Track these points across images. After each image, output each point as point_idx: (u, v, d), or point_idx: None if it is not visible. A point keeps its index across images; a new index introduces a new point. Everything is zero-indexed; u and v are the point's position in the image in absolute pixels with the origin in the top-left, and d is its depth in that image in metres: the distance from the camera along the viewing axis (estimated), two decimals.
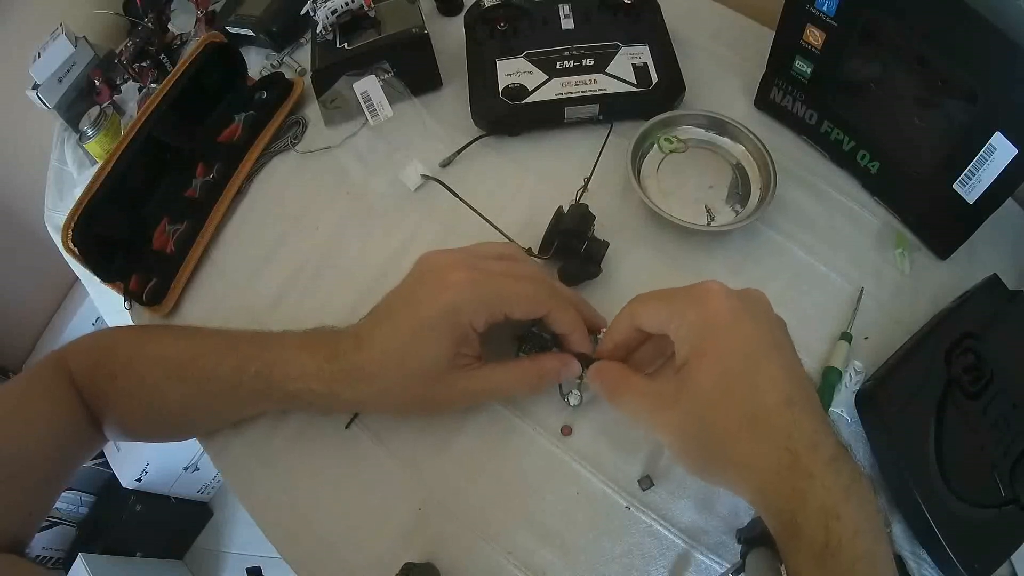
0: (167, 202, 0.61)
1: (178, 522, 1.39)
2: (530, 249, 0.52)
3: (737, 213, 0.54)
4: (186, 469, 1.32)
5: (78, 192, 0.56)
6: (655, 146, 0.58)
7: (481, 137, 0.62)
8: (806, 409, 0.33)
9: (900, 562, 0.41)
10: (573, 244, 0.50)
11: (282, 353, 0.44)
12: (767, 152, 0.55)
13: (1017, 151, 0.43)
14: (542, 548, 0.43)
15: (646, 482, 0.44)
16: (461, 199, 0.54)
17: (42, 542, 1.24)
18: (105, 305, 1.04)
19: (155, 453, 1.24)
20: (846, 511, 0.30)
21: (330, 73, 0.62)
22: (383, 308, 0.43)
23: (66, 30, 0.86)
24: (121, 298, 0.57)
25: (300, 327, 0.46)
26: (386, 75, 0.61)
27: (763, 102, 0.61)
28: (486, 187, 0.58)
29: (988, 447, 0.42)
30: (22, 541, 0.42)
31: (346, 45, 0.64)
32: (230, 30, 0.77)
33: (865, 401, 0.45)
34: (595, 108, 0.59)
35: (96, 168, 0.64)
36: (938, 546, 0.40)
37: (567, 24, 0.64)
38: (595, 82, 0.59)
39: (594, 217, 0.52)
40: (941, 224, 0.52)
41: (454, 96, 0.65)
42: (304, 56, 0.75)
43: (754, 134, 0.56)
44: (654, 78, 0.59)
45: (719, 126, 0.58)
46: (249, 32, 0.76)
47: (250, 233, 0.61)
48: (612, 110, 0.59)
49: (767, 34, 0.58)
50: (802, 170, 0.58)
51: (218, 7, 0.83)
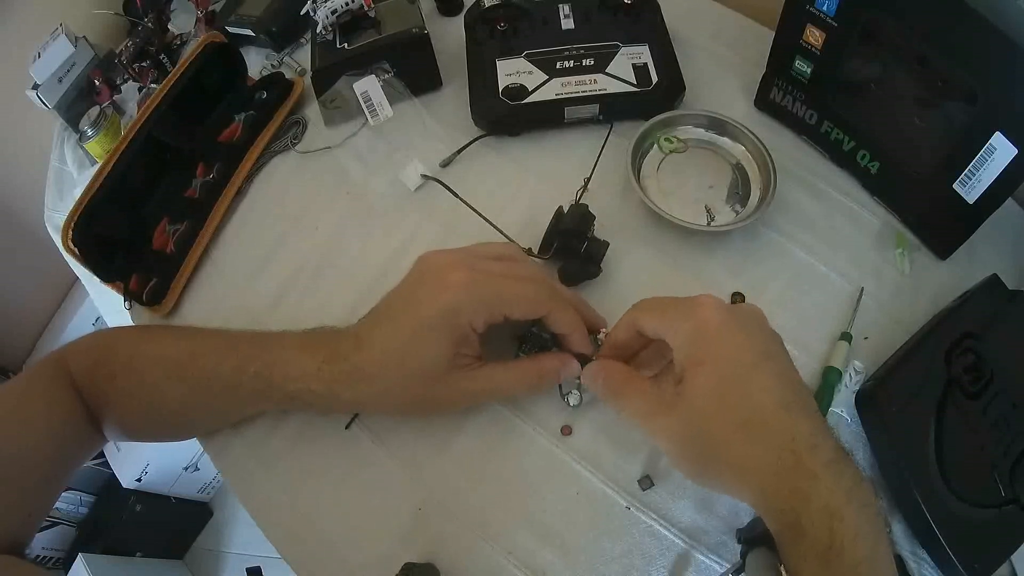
0: (167, 202, 0.61)
1: (178, 522, 1.39)
2: (530, 249, 0.52)
3: (737, 213, 0.54)
4: (186, 469, 1.32)
5: (78, 192, 0.56)
6: (655, 146, 0.58)
7: (481, 137, 0.62)
8: (804, 413, 0.33)
9: (900, 562, 0.41)
10: (573, 244, 0.50)
11: (282, 354, 0.44)
12: (767, 152, 0.55)
13: (1017, 151, 0.43)
14: (542, 548, 0.43)
15: (646, 482, 0.44)
16: (461, 199, 0.54)
17: (42, 542, 1.24)
18: (105, 305, 1.04)
19: (155, 453, 1.24)
20: (848, 513, 0.30)
21: (330, 73, 0.62)
22: (383, 308, 0.43)
23: (66, 30, 0.86)
24: (121, 298, 0.57)
25: (300, 327, 0.46)
26: (386, 75, 0.61)
27: (763, 102, 0.61)
28: (486, 187, 0.58)
29: (988, 447, 0.42)
30: (22, 541, 0.42)
31: (346, 45, 0.64)
32: (230, 30, 0.77)
33: (865, 401, 0.45)
34: (595, 108, 0.59)
35: (96, 168, 0.64)
36: (938, 546, 0.40)
37: (567, 24, 0.64)
38: (595, 82, 0.59)
39: (594, 217, 0.52)
40: (941, 224, 0.52)
41: (454, 96, 0.65)
42: (304, 56, 0.75)
43: (754, 134, 0.56)
44: (654, 78, 0.59)
45: (719, 126, 0.58)
46: (249, 32, 0.76)
47: (250, 233, 0.61)
48: (612, 110, 0.59)
49: (767, 34, 0.58)
50: (802, 170, 0.58)
51: (218, 7, 0.83)
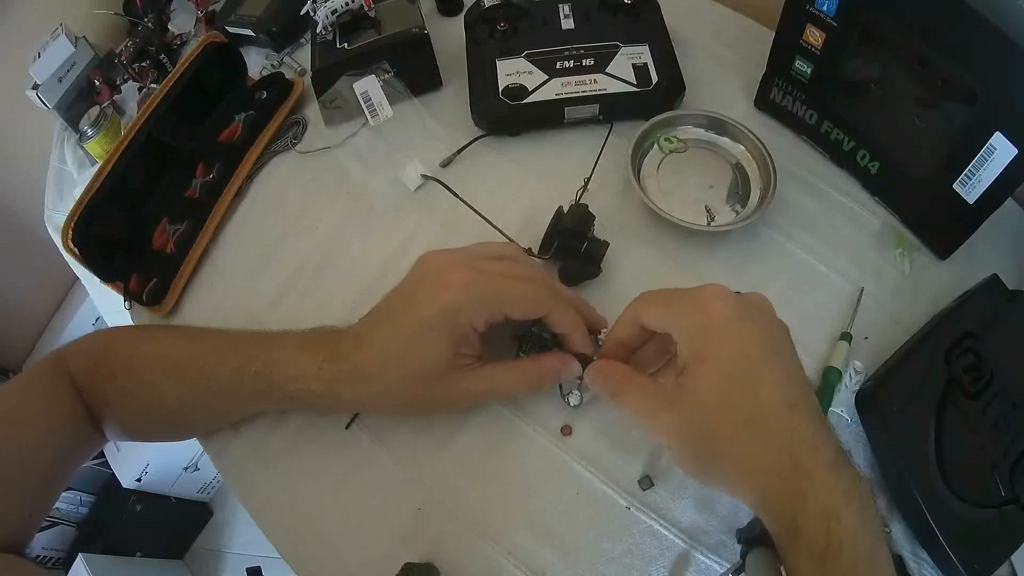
0: (167, 202, 0.61)
1: (178, 522, 1.39)
2: (530, 249, 0.52)
3: (737, 213, 0.54)
4: (186, 469, 1.33)
5: (78, 192, 0.56)
6: (655, 146, 0.58)
7: (481, 137, 0.62)
8: (806, 413, 0.33)
9: (900, 562, 0.41)
10: (573, 244, 0.50)
11: (282, 353, 0.44)
12: (767, 152, 0.55)
13: (1017, 151, 0.43)
14: (542, 548, 0.43)
15: (646, 482, 0.44)
16: (461, 199, 0.54)
17: (42, 542, 1.24)
18: (105, 305, 1.04)
19: (155, 453, 1.24)
20: (846, 514, 0.30)
21: (330, 73, 0.62)
22: (383, 308, 0.43)
23: (66, 30, 0.86)
24: (121, 298, 0.57)
25: (300, 327, 0.46)
26: (386, 75, 0.61)
27: (763, 102, 0.61)
28: (486, 187, 0.58)
29: (988, 447, 0.42)
30: (22, 541, 0.42)
31: (346, 45, 0.64)
32: (230, 30, 0.77)
33: (865, 401, 0.45)
34: (595, 108, 0.59)
35: (96, 168, 0.64)
36: (938, 546, 0.40)
37: (567, 24, 0.63)
38: (595, 82, 0.59)
39: (594, 217, 0.52)
40: (941, 224, 0.52)
41: (454, 96, 0.65)
42: (304, 56, 0.75)
43: (754, 134, 0.56)
44: (654, 78, 0.59)
45: (719, 126, 0.58)
46: (249, 32, 0.76)
47: (250, 233, 0.61)
48: (612, 110, 0.59)
49: (767, 34, 0.58)
50: (802, 170, 0.58)
51: (218, 7, 0.83)
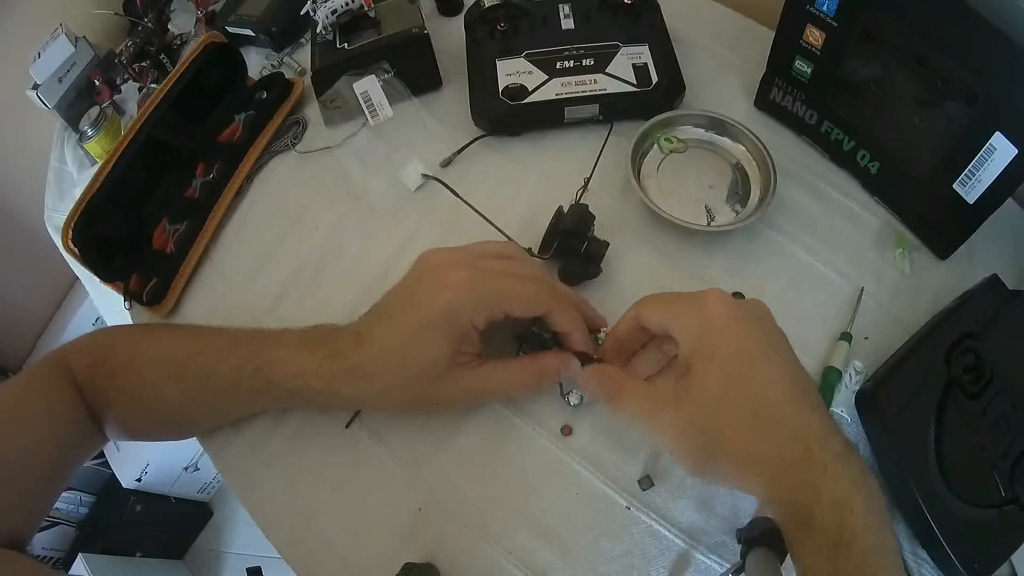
0: (167, 202, 0.61)
1: (178, 522, 1.39)
2: (530, 249, 0.52)
3: (737, 213, 0.54)
4: (186, 469, 1.32)
5: (78, 192, 0.56)
6: (655, 146, 0.58)
7: (481, 137, 0.62)
8: (811, 406, 0.34)
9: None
10: (573, 244, 0.50)
11: (282, 351, 0.44)
12: (767, 152, 0.55)
13: (1017, 151, 0.43)
14: (542, 548, 0.43)
15: (646, 482, 0.44)
16: (461, 199, 0.54)
17: (42, 542, 1.24)
18: (105, 305, 1.04)
19: (155, 453, 1.24)
20: (858, 504, 0.31)
21: (330, 73, 0.62)
22: (383, 306, 0.43)
23: (66, 30, 0.86)
24: (121, 298, 0.57)
25: (300, 327, 0.46)
26: (386, 75, 0.61)
27: (763, 102, 0.61)
28: (486, 187, 0.58)
29: (988, 447, 0.42)
30: (22, 541, 0.42)
31: (346, 45, 0.64)
32: (230, 30, 0.77)
33: (865, 401, 0.45)
34: (595, 108, 0.59)
35: (96, 168, 0.64)
36: (938, 546, 0.40)
37: (567, 24, 0.64)
38: (595, 82, 0.59)
39: (594, 217, 0.52)
40: (941, 224, 0.52)
41: (454, 96, 0.65)
42: (304, 56, 0.75)
43: (754, 134, 0.56)
44: (654, 78, 0.59)
45: (719, 126, 0.58)
46: (249, 32, 0.76)
47: (250, 233, 0.61)
48: (612, 110, 0.59)
49: (767, 34, 0.58)
50: (802, 170, 0.58)
51: (218, 7, 0.83)
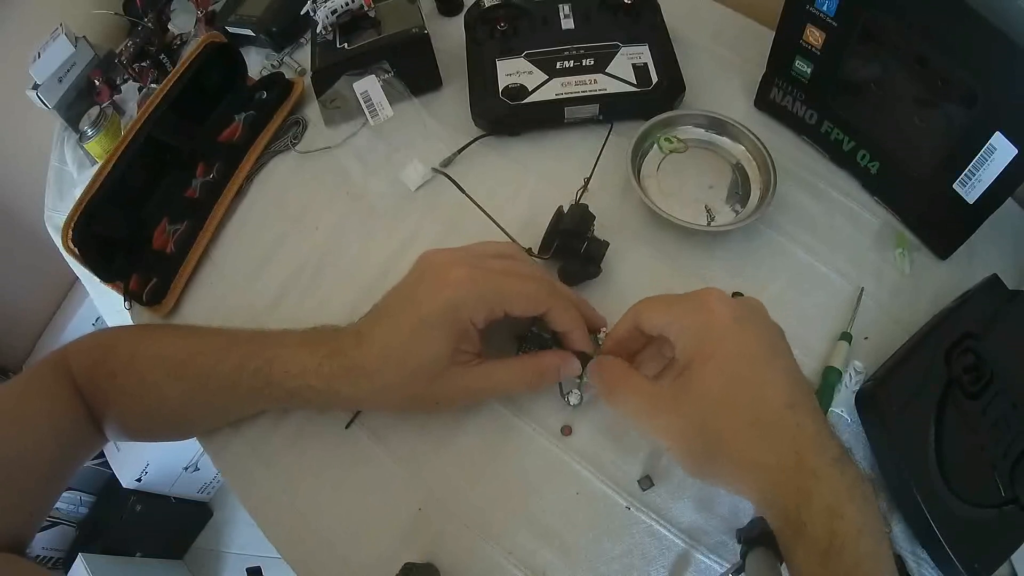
0: (167, 202, 0.61)
1: (178, 522, 1.39)
2: (530, 249, 0.52)
3: (737, 213, 0.54)
4: (186, 469, 1.33)
5: (78, 192, 0.56)
6: (655, 146, 0.58)
7: (481, 137, 0.62)
8: (808, 412, 0.34)
9: (900, 562, 0.41)
10: (573, 244, 0.50)
11: (282, 350, 0.44)
12: (767, 152, 0.55)
13: (1017, 151, 0.43)
14: (542, 548, 0.43)
15: (646, 482, 0.44)
16: (466, 193, 0.54)
17: (42, 542, 1.24)
18: (105, 305, 1.04)
19: (155, 453, 1.24)
20: (850, 511, 0.31)
21: (330, 73, 0.62)
22: (383, 306, 0.44)
23: (66, 30, 0.86)
24: (121, 298, 0.57)
25: (300, 327, 0.46)
26: (386, 75, 0.61)
27: (763, 102, 0.61)
28: (486, 187, 0.58)
29: (988, 447, 0.42)
30: (22, 541, 0.42)
31: (346, 45, 0.64)
32: (230, 30, 0.77)
33: (865, 401, 0.45)
34: (595, 108, 0.59)
35: (96, 168, 0.64)
36: (938, 546, 0.40)
37: (567, 24, 0.63)
38: (595, 82, 0.59)
39: (594, 217, 0.52)
40: (941, 224, 0.52)
41: (454, 96, 0.65)
42: (304, 56, 0.75)
43: (754, 134, 0.56)
44: (654, 78, 0.59)
45: (719, 126, 0.58)
46: (249, 32, 0.76)
47: (250, 233, 0.61)
48: (612, 110, 0.59)
49: (767, 34, 0.58)
50: (802, 170, 0.58)
51: (218, 7, 0.83)
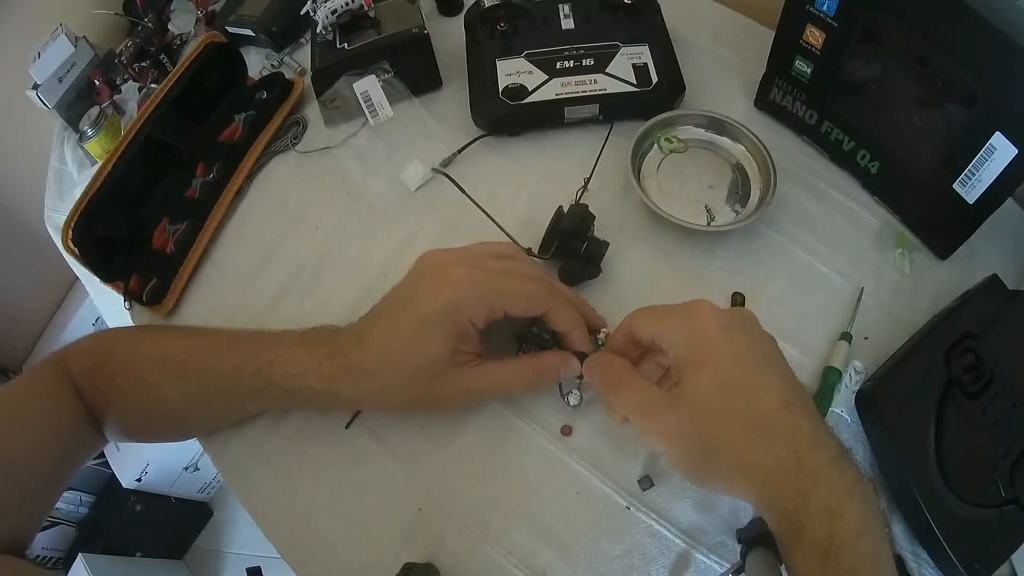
0: (167, 202, 0.61)
1: (178, 522, 1.39)
2: (530, 249, 0.52)
3: (737, 213, 0.54)
4: (186, 469, 1.33)
5: (78, 192, 0.56)
6: (655, 146, 0.58)
7: (481, 137, 0.62)
8: (804, 412, 0.34)
9: (900, 562, 0.41)
10: (573, 244, 0.50)
11: (282, 351, 0.44)
12: (767, 152, 0.55)
13: (1017, 151, 0.43)
14: (542, 548, 0.43)
15: (646, 482, 0.44)
16: (466, 193, 0.55)
17: (42, 542, 1.24)
18: (105, 305, 1.04)
19: (155, 453, 1.24)
20: (849, 512, 0.31)
21: (330, 73, 0.62)
22: (383, 306, 0.44)
23: (66, 30, 0.86)
24: (121, 298, 0.57)
25: (300, 327, 0.46)
26: (386, 75, 0.61)
27: (763, 102, 0.61)
28: (486, 187, 0.58)
29: (988, 447, 0.42)
30: (23, 542, 0.42)
31: (346, 45, 0.64)
32: (230, 30, 0.77)
33: (865, 401, 0.45)
34: (595, 108, 0.59)
35: (96, 168, 0.64)
36: (938, 546, 0.40)
37: (567, 24, 0.63)
38: (595, 82, 0.59)
39: (594, 217, 0.52)
40: (941, 224, 0.52)
41: (454, 96, 0.65)
42: (304, 56, 0.75)
43: (754, 134, 0.56)
44: (654, 78, 0.59)
45: (719, 126, 0.58)
46: (249, 32, 0.76)
47: (250, 233, 0.61)
48: (612, 110, 0.59)
49: (767, 34, 0.58)
50: (802, 170, 0.58)
51: (218, 7, 0.83)
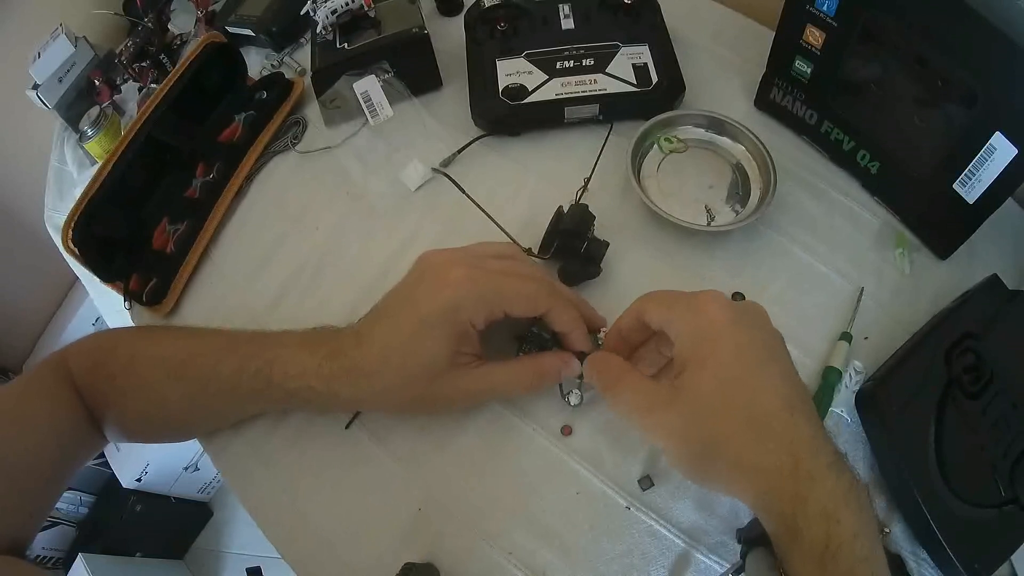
0: (167, 202, 0.61)
1: (178, 522, 1.39)
2: (530, 249, 0.52)
3: (737, 213, 0.54)
4: (186, 469, 1.33)
5: (78, 192, 0.56)
6: (655, 146, 0.58)
7: (481, 137, 0.62)
8: (805, 415, 0.34)
9: (900, 562, 0.41)
10: (573, 244, 0.50)
11: (282, 351, 0.44)
12: (767, 152, 0.55)
13: (1017, 151, 0.43)
14: (542, 548, 0.43)
15: (646, 482, 0.44)
16: (465, 193, 0.55)
17: (42, 542, 1.24)
18: (105, 305, 1.04)
19: (155, 453, 1.24)
20: (845, 516, 0.31)
21: (330, 73, 0.62)
22: (383, 306, 0.44)
23: (66, 30, 0.86)
24: (121, 298, 0.57)
25: (300, 327, 0.46)
26: (386, 75, 0.61)
27: (763, 102, 0.61)
28: (486, 187, 0.58)
29: (988, 447, 0.42)
30: (22, 542, 0.42)
31: (346, 45, 0.64)
32: (230, 30, 0.77)
33: (865, 401, 0.45)
34: (595, 108, 0.59)
35: (96, 168, 0.65)
36: (938, 546, 0.40)
37: (567, 24, 0.63)
38: (595, 82, 0.59)
39: (594, 217, 0.52)
40: (941, 224, 0.52)
41: (454, 96, 0.65)
42: (304, 56, 0.75)
43: (754, 134, 0.56)
44: (654, 78, 0.59)
45: (719, 126, 0.58)
46: (249, 32, 0.76)
47: (250, 233, 0.61)
48: (612, 110, 0.59)
49: (767, 34, 0.58)
50: (802, 170, 0.58)
51: (218, 7, 0.83)
